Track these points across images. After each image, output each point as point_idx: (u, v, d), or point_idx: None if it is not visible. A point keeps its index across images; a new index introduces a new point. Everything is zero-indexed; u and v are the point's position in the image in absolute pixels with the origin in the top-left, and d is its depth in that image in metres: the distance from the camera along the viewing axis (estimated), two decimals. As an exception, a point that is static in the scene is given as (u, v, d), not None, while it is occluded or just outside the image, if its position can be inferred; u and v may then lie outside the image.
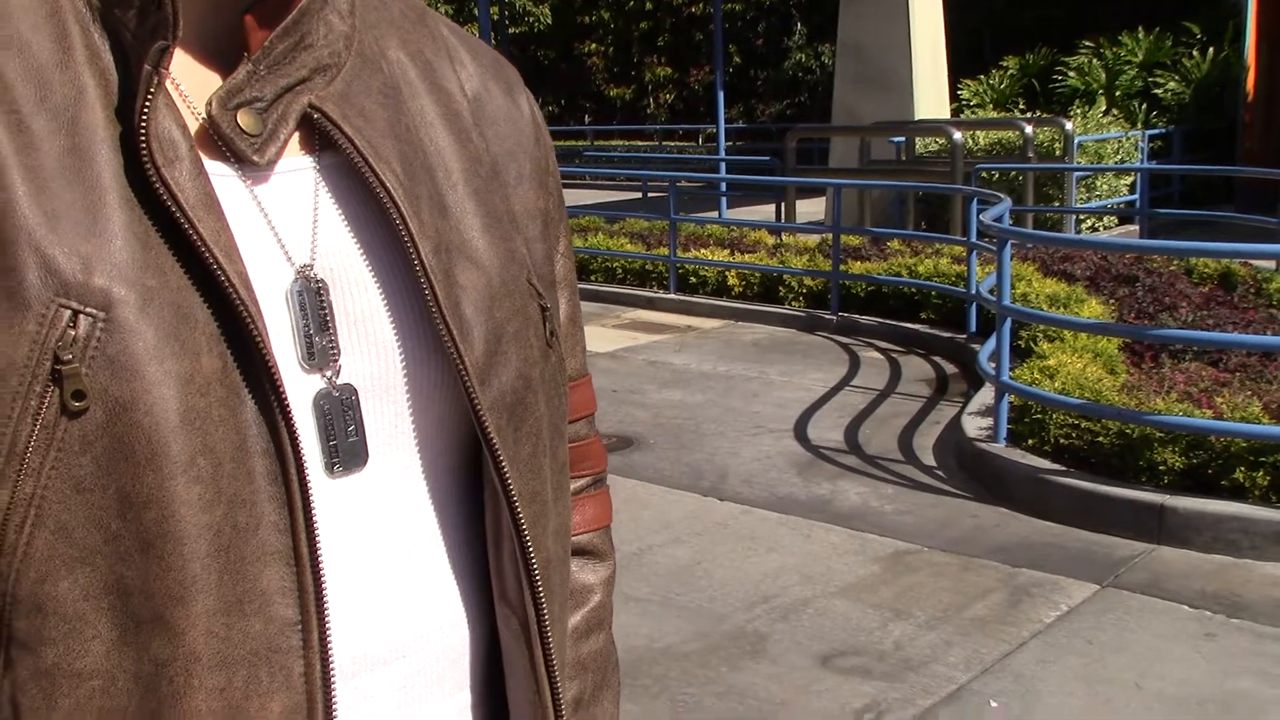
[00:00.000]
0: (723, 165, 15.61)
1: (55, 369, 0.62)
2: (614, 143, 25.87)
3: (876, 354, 8.51)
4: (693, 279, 10.58)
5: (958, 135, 11.38)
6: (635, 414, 7.05)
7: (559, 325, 0.90)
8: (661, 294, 10.60)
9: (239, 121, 0.71)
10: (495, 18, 17.65)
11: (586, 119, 27.35)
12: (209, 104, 0.71)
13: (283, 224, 0.73)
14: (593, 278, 11.28)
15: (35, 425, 0.62)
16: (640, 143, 25.25)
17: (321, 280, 0.73)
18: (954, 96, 16.72)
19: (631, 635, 4.11)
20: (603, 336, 9.32)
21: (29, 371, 0.62)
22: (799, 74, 24.16)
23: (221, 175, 0.71)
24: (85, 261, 0.63)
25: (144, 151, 0.65)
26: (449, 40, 0.89)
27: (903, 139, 13.45)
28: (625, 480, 5.78)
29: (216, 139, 0.71)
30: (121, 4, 0.69)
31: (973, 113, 16.91)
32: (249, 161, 0.72)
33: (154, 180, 0.65)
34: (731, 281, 10.29)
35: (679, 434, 6.62)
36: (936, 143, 13.38)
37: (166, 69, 0.68)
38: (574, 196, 17.42)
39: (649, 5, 26.33)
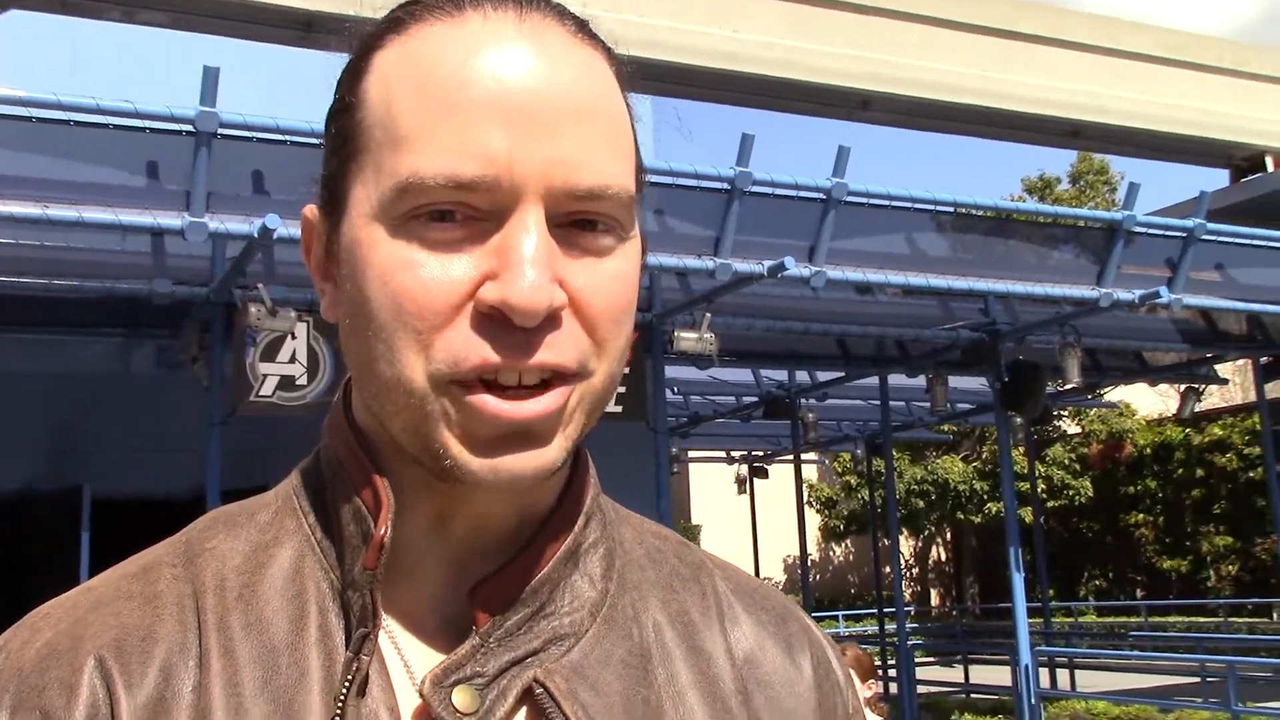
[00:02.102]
0: (1298, 646, 13.76)
1: None
2: (1170, 619, 23.82)
3: None
4: (1267, 784, 9.10)
5: None
6: None
7: None
8: (1229, 800, 9.17)
9: (453, 700, 0.70)
10: (1026, 491, 17.39)
11: (1139, 594, 25.59)
12: (423, 682, 0.71)
13: None
14: (1144, 776, 10.04)
15: None
16: (1202, 619, 23.06)
17: None
18: None
19: None
20: None
21: None
22: (1389, 539, 21.40)
23: None
24: None
25: None
26: (724, 597, 0.83)
27: None
28: None
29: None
30: (354, 588, 0.72)
31: None
32: None
33: None
34: (1317, 789, 8.74)
35: None
36: None
37: (368, 655, 0.69)
38: (1122, 681, 15.96)
39: (1200, 472, 24.91)
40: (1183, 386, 15.15)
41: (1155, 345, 13.52)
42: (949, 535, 30.81)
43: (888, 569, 17.19)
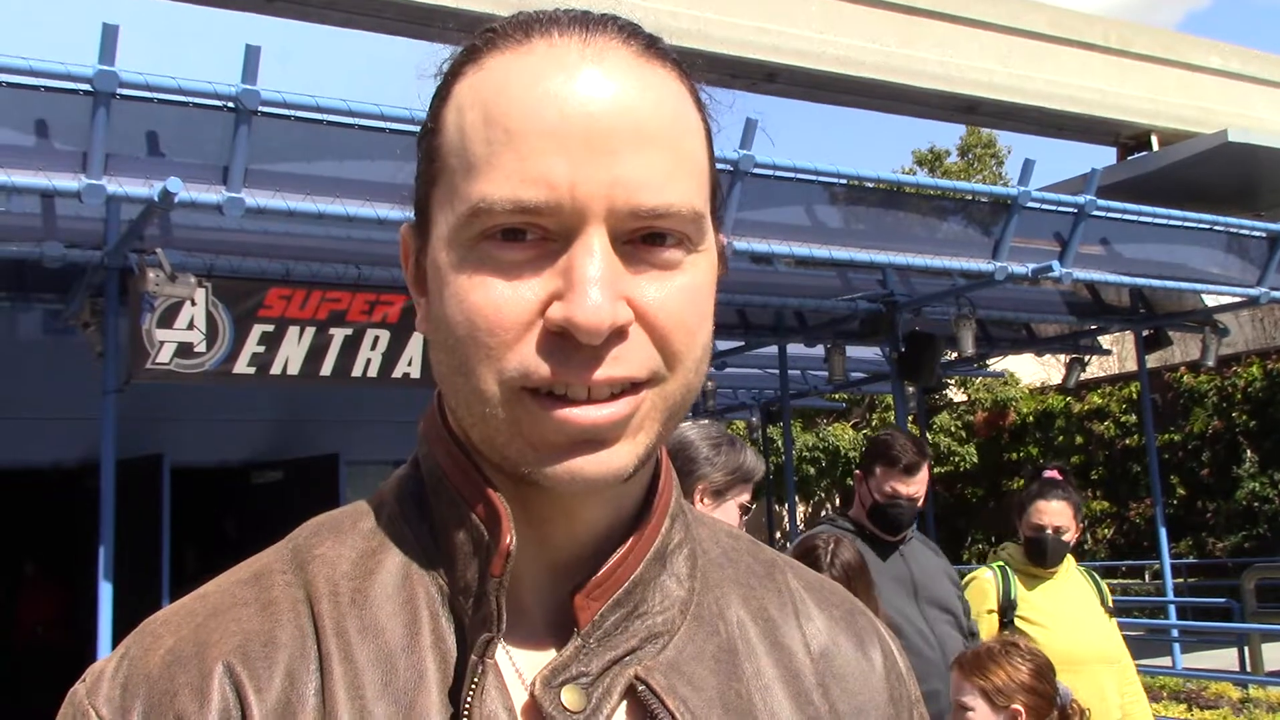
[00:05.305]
0: (1172, 608, 14.35)
1: None
2: (1050, 581, 24.64)
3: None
4: (1145, 738, 9.48)
5: None
6: None
7: None
8: (1109, 755, 9.53)
9: (562, 699, 0.73)
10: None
11: (1019, 556, 26.43)
12: (533, 684, 0.74)
13: None
14: (1029, 734, 10.37)
15: None
16: (1079, 580, 23.90)
17: None
18: None
19: None
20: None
21: None
22: (1254, 504, 22.35)
23: None
24: None
25: None
26: (797, 594, 0.87)
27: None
28: None
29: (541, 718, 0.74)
30: (464, 594, 0.75)
31: None
32: None
33: None
34: (1192, 742, 9.14)
35: None
36: None
37: (492, 658, 0.72)
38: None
39: (1079, 439, 25.74)
40: (1067, 357, 15.62)
41: (1043, 317, 13.90)
42: (838, 501, 31.41)
43: (779, 534, 17.47)
